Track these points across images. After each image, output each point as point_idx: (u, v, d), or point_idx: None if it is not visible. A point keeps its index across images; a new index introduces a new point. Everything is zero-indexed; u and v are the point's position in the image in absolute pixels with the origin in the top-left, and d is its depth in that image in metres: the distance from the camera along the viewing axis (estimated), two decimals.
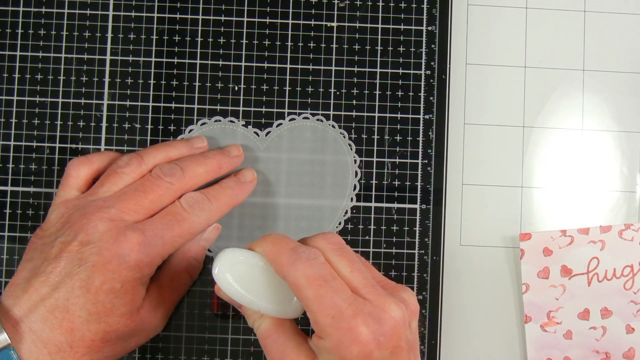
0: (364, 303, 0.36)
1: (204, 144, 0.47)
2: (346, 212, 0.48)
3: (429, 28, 0.49)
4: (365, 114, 0.49)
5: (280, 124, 0.49)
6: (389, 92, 0.49)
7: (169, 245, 0.41)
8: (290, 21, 0.49)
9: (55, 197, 0.44)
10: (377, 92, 0.49)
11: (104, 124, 0.48)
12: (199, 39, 0.49)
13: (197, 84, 0.49)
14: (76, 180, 0.44)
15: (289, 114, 0.49)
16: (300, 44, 0.49)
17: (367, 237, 0.48)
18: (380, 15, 0.49)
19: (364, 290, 0.37)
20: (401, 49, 0.49)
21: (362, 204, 0.49)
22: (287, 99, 0.49)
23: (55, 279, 0.39)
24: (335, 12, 0.49)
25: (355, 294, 0.36)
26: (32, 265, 0.40)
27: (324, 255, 0.38)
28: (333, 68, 0.49)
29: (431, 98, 0.49)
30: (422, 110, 0.49)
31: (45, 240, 0.41)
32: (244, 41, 0.49)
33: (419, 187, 0.49)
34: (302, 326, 0.46)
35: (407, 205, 0.49)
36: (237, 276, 0.39)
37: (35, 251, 0.41)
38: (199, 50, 0.49)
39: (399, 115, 0.49)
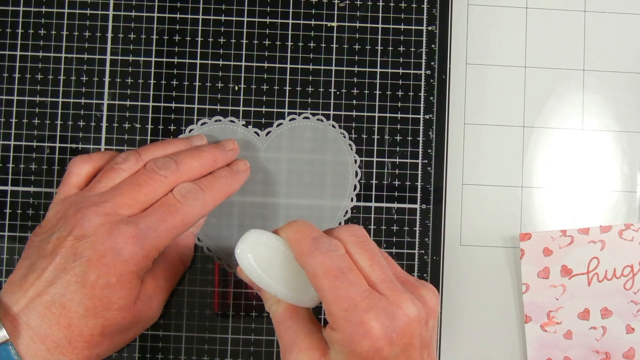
0: (379, 298, 0.36)
1: (204, 142, 0.47)
2: (346, 212, 0.48)
3: (429, 28, 0.49)
4: (365, 114, 0.49)
5: (280, 124, 0.49)
6: (389, 92, 0.49)
7: (163, 237, 0.41)
8: (290, 21, 0.49)
9: (55, 195, 0.44)
10: (377, 92, 0.49)
11: (104, 124, 0.48)
12: (199, 39, 0.49)
13: (197, 84, 0.49)
14: (77, 178, 0.44)
15: (289, 113, 0.49)
16: (300, 44, 0.49)
17: None
18: (380, 15, 0.49)
19: (381, 285, 0.37)
20: (401, 49, 0.49)
21: (362, 203, 0.49)
22: (287, 99, 0.49)
23: (51, 275, 0.39)
24: (335, 12, 0.49)
25: (372, 288, 0.36)
26: (29, 262, 0.41)
27: (345, 247, 0.38)
28: (333, 68, 0.49)
29: (431, 98, 0.49)
30: (422, 110, 0.49)
31: (43, 237, 0.41)
32: (244, 41, 0.49)
33: (419, 187, 0.49)
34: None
35: (407, 205, 0.49)
36: (258, 258, 0.39)
37: (32, 248, 0.41)
38: (199, 50, 0.49)
39: (399, 115, 0.49)
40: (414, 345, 0.36)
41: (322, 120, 0.49)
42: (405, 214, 0.49)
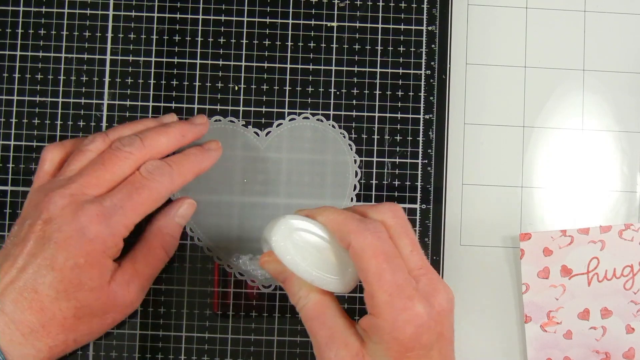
0: (418, 284, 0.36)
1: (174, 119, 0.46)
2: None
3: (429, 28, 0.49)
4: (365, 113, 0.49)
5: (280, 124, 0.49)
6: (389, 92, 0.49)
7: (130, 213, 0.41)
8: (290, 21, 0.49)
9: (32, 185, 0.44)
10: (377, 92, 0.49)
11: (104, 124, 0.48)
12: (199, 39, 0.49)
13: (197, 84, 0.49)
14: (50, 165, 0.44)
15: (289, 114, 0.49)
16: (300, 44, 0.49)
17: None
18: (380, 15, 0.49)
19: (419, 271, 0.37)
20: (401, 49, 0.49)
21: (362, 204, 0.49)
22: (287, 99, 0.49)
23: (23, 261, 0.40)
24: (335, 12, 0.49)
25: (409, 273, 0.37)
26: (5, 252, 0.41)
27: (388, 230, 0.38)
28: (333, 68, 0.49)
29: (431, 98, 0.49)
30: (422, 110, 0.49)
31: (19, 227, 0.41)
32: (244, 41, 0.49)
33: (419, 187, 0.49)
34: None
35: (407, 205, 0.49)
36: (296, 245, 0.38)
37: (9, 238, 0.42)
38: (199, 50, 0.49)
39: (399, 115, 0.49)
40: (445, 335, 0.37)
41: (322, 120, 0.49)
42: (406, 214, 0.48)
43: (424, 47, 0.49)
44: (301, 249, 0.38)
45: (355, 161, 0.49)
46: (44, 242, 0.39)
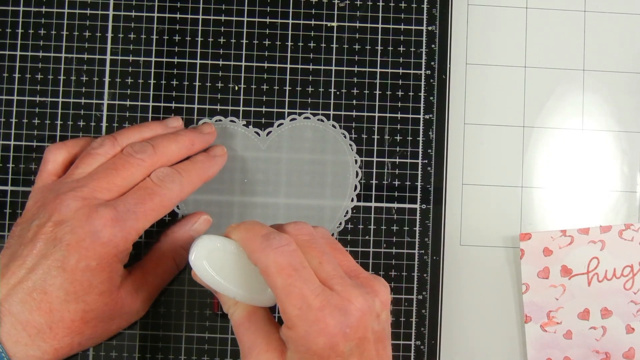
0: (331, 294, 0.36)
1: (179, 123, 0.47)
2: (347, 212, 0.48)
3: (429, 28, 0.49)
4: (365, 114, 0.49)
5: (281, 124, 0.49)
6: (389, 92, 0.49)
7: (142, 218, 0.41)
8: (290, 21, 0.49)
9: (33, 185, 0.44)
10: (377, 92, 0.49)
11: (104, 124, 0.48)
12: (199, 39, 0.49)
13: (197, 84, 0.49)
14: (54, 165, 0.44)
15: (289, 114, 0.49)
16: (300, 44, 0.49)
17: (367, 237, 0.48)
18: (380, 15, 0.49)
19: (332, 281, 0.36)
20: (401, 49, 0.49)
21: (362, 204, 0.49)
22: (287, 99, 0.49)
23: (32, 261, 0.40)
24: (335, 12, 0.49)
25: (324, 284, 0.36)
26: (10, 252, 0.41)
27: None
28: (333, 68, 0.49)
29: (431, 98, 0.49)
30: (422, 110, 0.49)
31: (23, 226, 0.41)
32: (244, 41, 0.49)
33: (419, 187, 0.49)
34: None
35: (407, 205, 0.49)
36: (214, 263, 0.38)
37: (13, 238, 0.42)
38: (199, 50, 0.49)
39: (399, 115, 0.49)
40: (368, 339, 0.36)
41: (322, 121, 0.49)
42: (405, 214, 0.49)
43: (424, 47, 0.49)
44: (220, 268, 0.38)
45: (356, 161, 0.49)
46: (55, 243, 0.39)
